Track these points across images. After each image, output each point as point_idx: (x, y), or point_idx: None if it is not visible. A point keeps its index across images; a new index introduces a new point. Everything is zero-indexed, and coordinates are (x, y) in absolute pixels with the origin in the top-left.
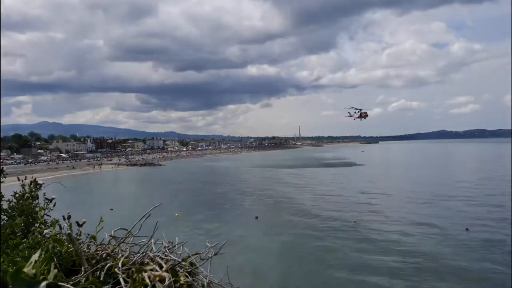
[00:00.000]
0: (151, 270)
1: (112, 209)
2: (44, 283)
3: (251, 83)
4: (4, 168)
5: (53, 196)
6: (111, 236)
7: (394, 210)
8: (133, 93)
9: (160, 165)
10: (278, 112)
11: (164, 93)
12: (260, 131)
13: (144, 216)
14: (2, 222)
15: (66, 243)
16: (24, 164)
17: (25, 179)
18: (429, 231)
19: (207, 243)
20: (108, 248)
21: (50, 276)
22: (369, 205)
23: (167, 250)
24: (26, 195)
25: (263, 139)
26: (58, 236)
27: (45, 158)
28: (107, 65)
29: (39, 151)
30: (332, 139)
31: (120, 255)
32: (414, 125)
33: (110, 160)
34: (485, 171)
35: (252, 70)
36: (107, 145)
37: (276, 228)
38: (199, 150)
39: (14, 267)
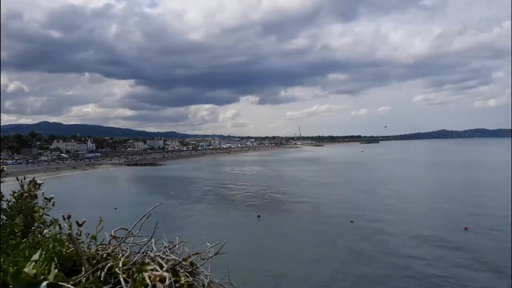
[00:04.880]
0: (152, 270)
1: (116, 208)
2: (44, 283)
3: None
4: (5, 168)
5: (52, 195)
6: (111, 236)
7: (397, 208)
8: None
9: (161, 164)
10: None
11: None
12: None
13: (144, 215)
14: (2, 222)
15: (67, 243)
16: (26, 164)
17: (24, 179)
18: (428, 230)
19: (207, 243)
20: (109, 248)
21: (51, 276)
22: (369, 205)
23: (168, 250)
24: (25, 194)
25: (264, 138)
26: (59, 236)
27: (46, 158)
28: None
29: (39, 151)
30: (332, 139)
31: (120, 255)
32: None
33: (110, 160)
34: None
35: None
36: (108, 145)
37: (279, 228)
38: (199, 149)
39: (14, 267)
